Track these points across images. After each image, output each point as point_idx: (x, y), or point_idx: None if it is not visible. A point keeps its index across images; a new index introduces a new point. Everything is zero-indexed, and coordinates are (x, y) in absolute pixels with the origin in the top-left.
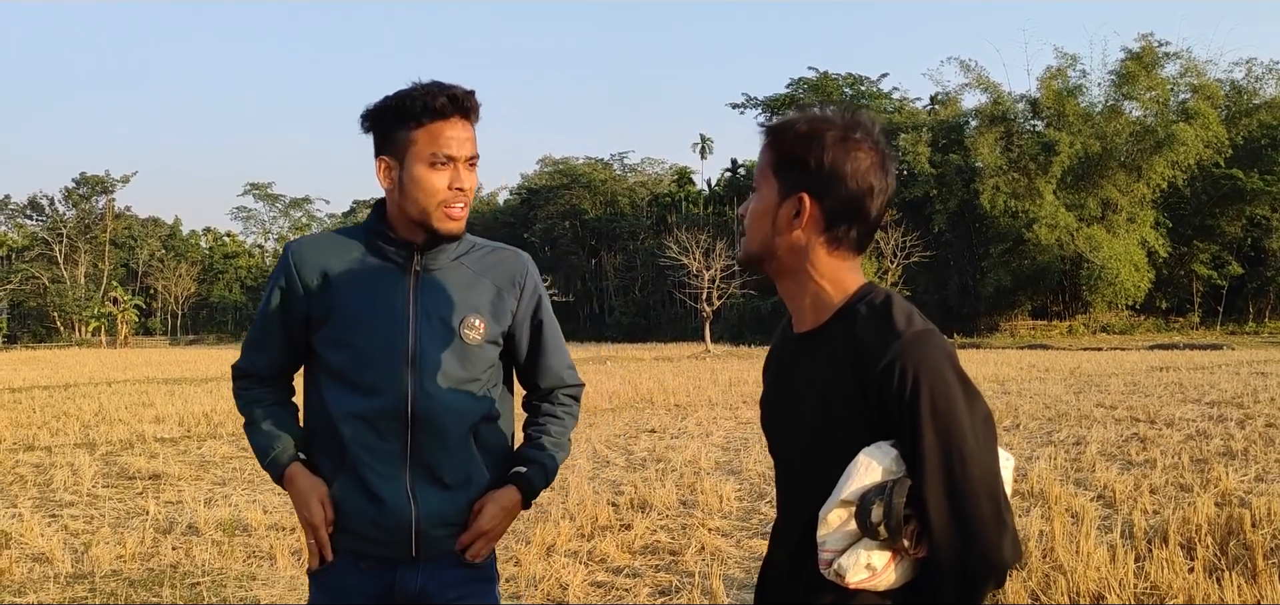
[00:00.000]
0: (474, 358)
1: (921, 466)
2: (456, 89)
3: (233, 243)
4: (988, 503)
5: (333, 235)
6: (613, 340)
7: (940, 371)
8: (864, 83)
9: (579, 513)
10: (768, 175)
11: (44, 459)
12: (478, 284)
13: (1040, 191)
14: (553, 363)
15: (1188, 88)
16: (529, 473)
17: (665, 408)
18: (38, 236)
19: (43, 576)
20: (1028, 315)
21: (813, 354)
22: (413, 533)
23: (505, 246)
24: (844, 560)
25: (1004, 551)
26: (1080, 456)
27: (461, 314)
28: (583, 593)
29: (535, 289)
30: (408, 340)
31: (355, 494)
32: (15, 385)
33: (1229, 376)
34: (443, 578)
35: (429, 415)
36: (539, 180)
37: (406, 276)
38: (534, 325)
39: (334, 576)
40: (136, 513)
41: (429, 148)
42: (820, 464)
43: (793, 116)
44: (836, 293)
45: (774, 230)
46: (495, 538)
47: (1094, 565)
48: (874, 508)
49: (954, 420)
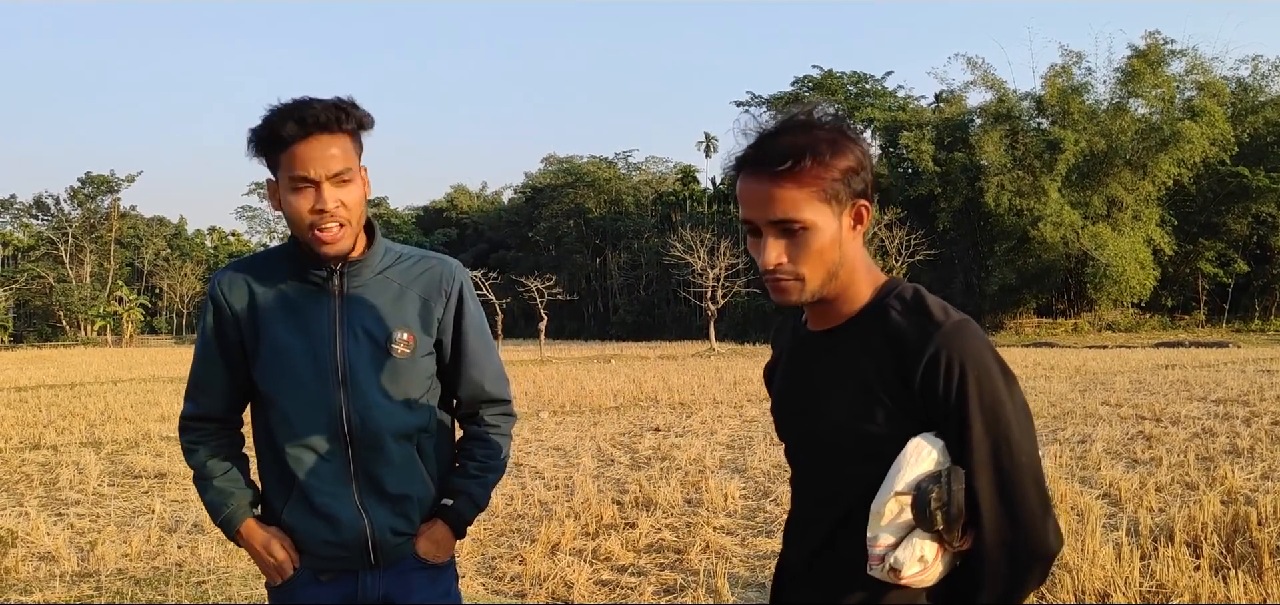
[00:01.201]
0: (405, 372)
1: (970, 456)
2: (309, 109)
3: (238, 242)
4: (1034, 489)
5: (258, 259)
6: (617, 339)
7: (984, 361)
8: (868, 80)
9: (584, 511)
10: (813, 206)
11: (50, 458)
12: (404, 296)
13: (1045, 189)
14: (474, 374)
15: (1194, 85)
16: (457, 505)
17: (670, 406)
18: (43, 236)
19: (48, 575)
20: (1033, 313)
21: (838, 350)
22: (370, 545)
23: (433, 254)
24: (901, 553)
25: (1050, 538)
26: (1086, 455)
27: (389, 329)
28: (587, 591)
29: (462, 297)
30: (336, 360)
31: (308, 517)
32: (21, 384)
33: (1235, 374)
34: (405, 582)
35: (366, 432)
36: (543, 179)
37: (331, 296)
38: (457, 335)
39: (294, 588)
40: (142, 511)
41: (288, 173)
42: (855, 461)
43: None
44: (866, 286)
45: (841, 256)
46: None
47: (1099, 564)
48: (933, 496)
49: (1000, 409)
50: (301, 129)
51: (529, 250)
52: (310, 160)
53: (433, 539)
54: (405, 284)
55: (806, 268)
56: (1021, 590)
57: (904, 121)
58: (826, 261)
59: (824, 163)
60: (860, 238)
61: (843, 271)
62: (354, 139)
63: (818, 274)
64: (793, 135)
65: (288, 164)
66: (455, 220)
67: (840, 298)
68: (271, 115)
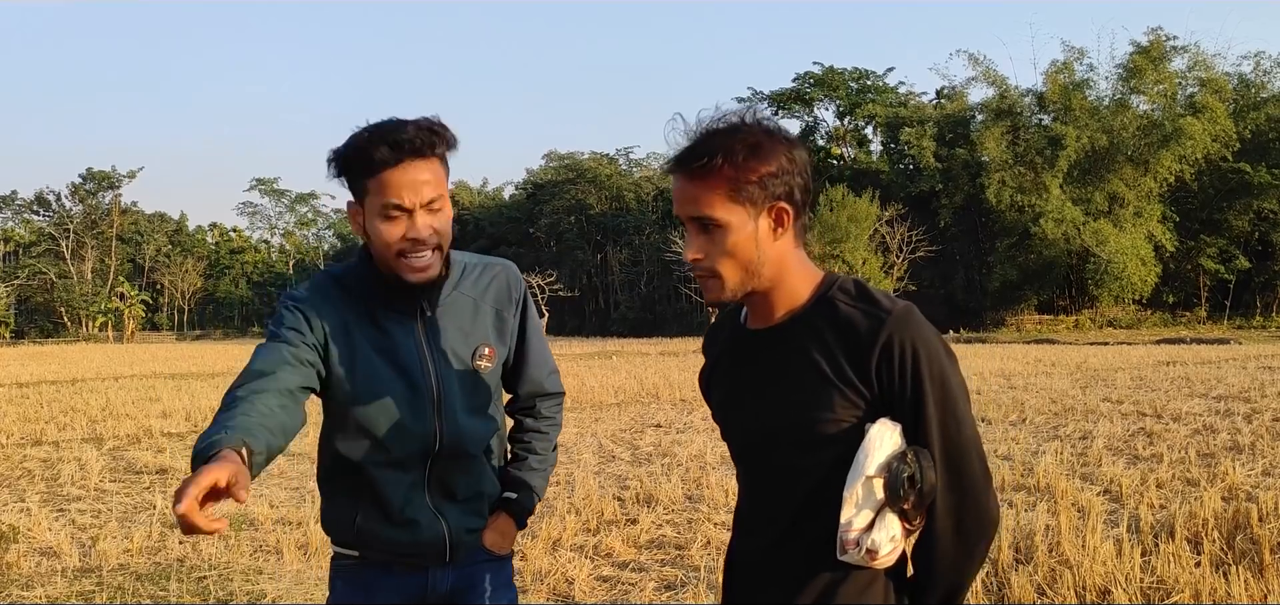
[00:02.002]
0: (487, 384)
1: (925, 432)
2: (402, 133)
3: (239, 238)
4: (977, 461)
5: (329, 284)
6: (618, 335)
7: (932, 343)
8: (870, 77)
9: (584, 507)
10: (726, 207)
11: (51, 454)
12: (480, 310)
13: (1046, 186)
14: (535, 372)
15: (1196, 81)
16: (520, 499)
17: (670, 402)
18: (45, 232)
19: (50, 570)
20: (1034, 310)
21: (782, 346)
22: (448, 545)
23: (493, 260)
24: (876, 535)
25: (991, 506)
26: (1087, 451)
27: (472, 345)
28: (588, 587)
29: (525, 299)
30: (431, 385)
31: (385, 525)
32: (23, 380)
33: (1236, 371)
34: (471, 574)
35: (453, 447)
36: (544, 175)
37: (415, 321)
38: (521, 337)
39: (366, 577)
40: (143, 507)
41: (379, 199)
42: (811, 449)
43: (723, 141)
44: (803, 284)
45: (759, 255)
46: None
47: (1100, 560)
48: (904, 475)
49: (948, 386)
50: (395, 154)
51: (530, 246)
52: (404, 187)
53: (499, 530)
54: (479, 297)
55: (721, 265)
56: (971, 560)
57: (905, 118)
58: (741, 260)
59: (736, 165)
60: (786, 238)
61: (766, 270)
62: (443, 163)
63: (733, 272)
64: (714, 138)
65: (378, 190)
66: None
67: (775, 295)
68: (361, 137)
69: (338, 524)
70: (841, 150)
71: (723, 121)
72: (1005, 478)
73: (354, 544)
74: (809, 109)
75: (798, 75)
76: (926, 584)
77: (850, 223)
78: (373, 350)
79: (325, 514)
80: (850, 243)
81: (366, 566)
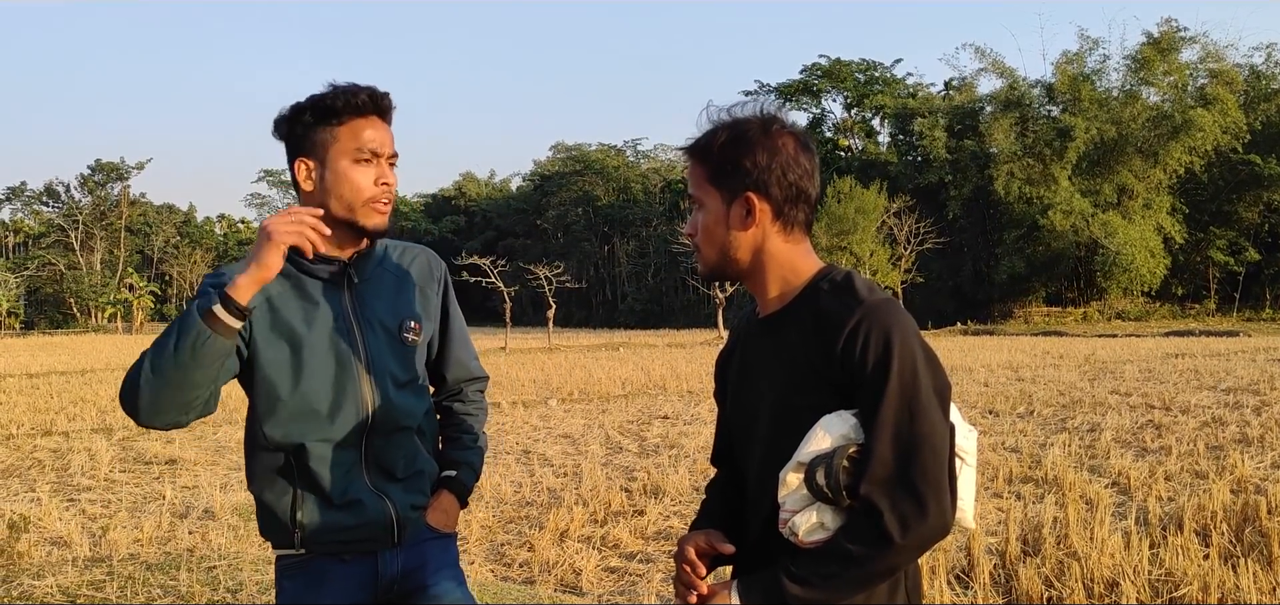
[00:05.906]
0: (414, 358)
1: (877, 413)
2: (374, 88)
3: (247, 229)
4: (933, 461)
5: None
6: (625, 327)
7: (905, 334)
8: (878, 68)
9: (592, 499)
10: (706, 188)
11: (62, 444)
12: (404, 285)
13: (1055, 177)
14: (461, 353)
15: (1206, 73)
16: (460, 476)
17: (678, 394)
18: (54, 223)
19: (61, 560)
20: (1042, 302)
21: (776, 334)
22: (394, 524)
23: (413, 244)
24: (798, 519)
25: (933, 510)
26: (1095, 443)
27: (400, 317)
28: (596, 578)
29: (447, 281)
30: (361, 352)
31: (327, 511)
32: (33, 371)
33: (1245, 363)
34: (419, 552)
35: (385, 420)
36: (552, 166)
37: (342, 290)
38: (444, 318)
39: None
40: (153, 497)
41: (352, 143)
42: (789, 435)
43: (714, 128)
44: (797, 275)
45: (729, 236)
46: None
47: (1109, 552)
48: (819, 471)
49: (916, 379)
50: (372, 104)
51: (537, 238)
52: (376, 138)
53: (442, 509)
54: (401, 274)
55: (701, 241)
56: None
57: (914, 109)
58: (713, 239)
59: (716, 151)
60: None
61: (741, 255)
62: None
63: (708, 249)
64: (714, 129)
65: (352, 135)
66: (464, 208)
67: (766, 284)
68: (338, 87)
69: (277, 526)
70: (849, 141)
71: (732, 112)
72: (1013, 470)
73: (299, 543)
74: (816, 101)
75: (805, 67)
76: (853, 538)
77: (858, 214)
78: (300, 320)
79: (263, 518)
80: (858, 234)
81: (314, 559)
